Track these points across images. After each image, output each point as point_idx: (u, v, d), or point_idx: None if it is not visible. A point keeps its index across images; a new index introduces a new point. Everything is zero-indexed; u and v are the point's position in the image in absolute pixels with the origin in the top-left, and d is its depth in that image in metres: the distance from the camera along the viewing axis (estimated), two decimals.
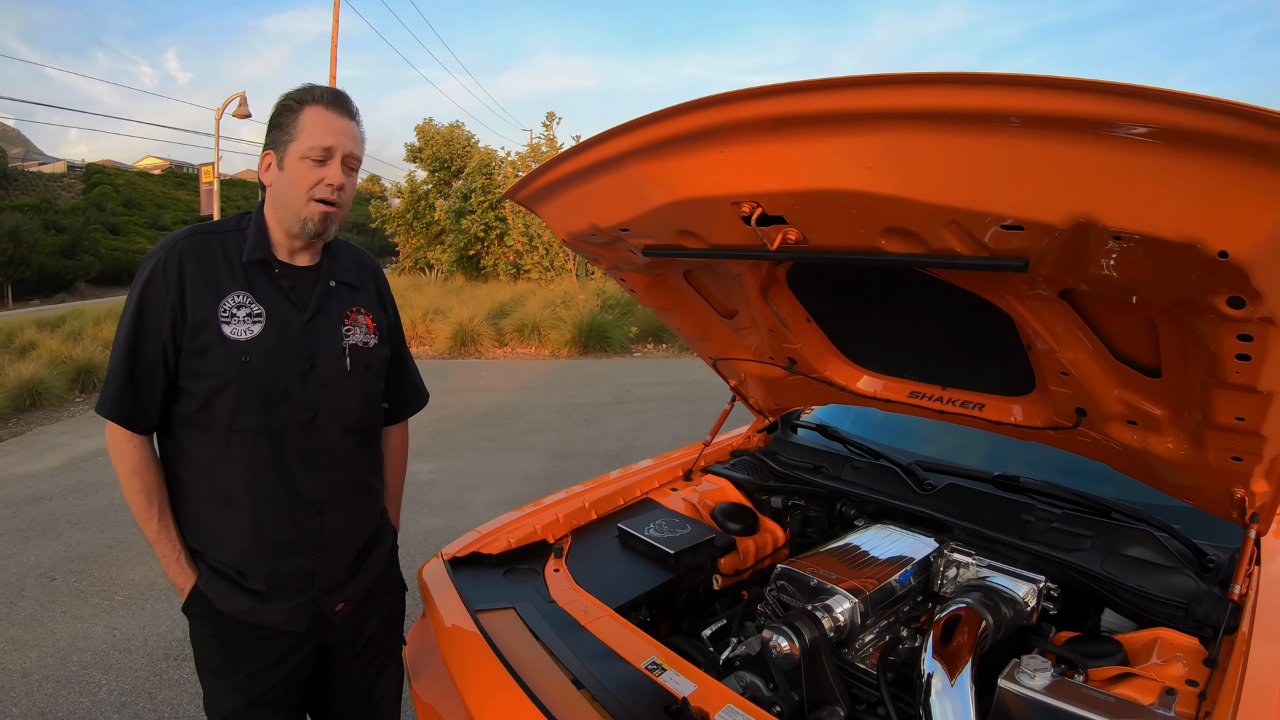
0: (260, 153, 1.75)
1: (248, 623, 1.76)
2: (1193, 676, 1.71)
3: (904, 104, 1.20)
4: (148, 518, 1.71)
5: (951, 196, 1.28)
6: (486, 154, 23.69)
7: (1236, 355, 1.37)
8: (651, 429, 8.14)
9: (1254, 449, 1.66)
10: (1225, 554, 2.08)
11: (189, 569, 1.75)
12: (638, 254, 2.09)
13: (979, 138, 1.19)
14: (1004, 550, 2.19)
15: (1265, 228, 1.06)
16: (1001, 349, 2.01)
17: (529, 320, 13.62)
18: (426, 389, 2.21)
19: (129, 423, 1.67)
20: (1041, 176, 1.18)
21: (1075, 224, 1.20)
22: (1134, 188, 1.11)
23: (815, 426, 3.22)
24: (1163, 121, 1.02)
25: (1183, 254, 1.16)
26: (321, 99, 1.68)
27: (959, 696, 1.67)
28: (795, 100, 1.31)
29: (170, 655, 3.66)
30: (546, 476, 6.46)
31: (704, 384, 10.69)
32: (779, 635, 1.79)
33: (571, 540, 2.51)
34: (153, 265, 1.67)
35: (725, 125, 1.43)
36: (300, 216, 1.69)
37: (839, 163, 1.34)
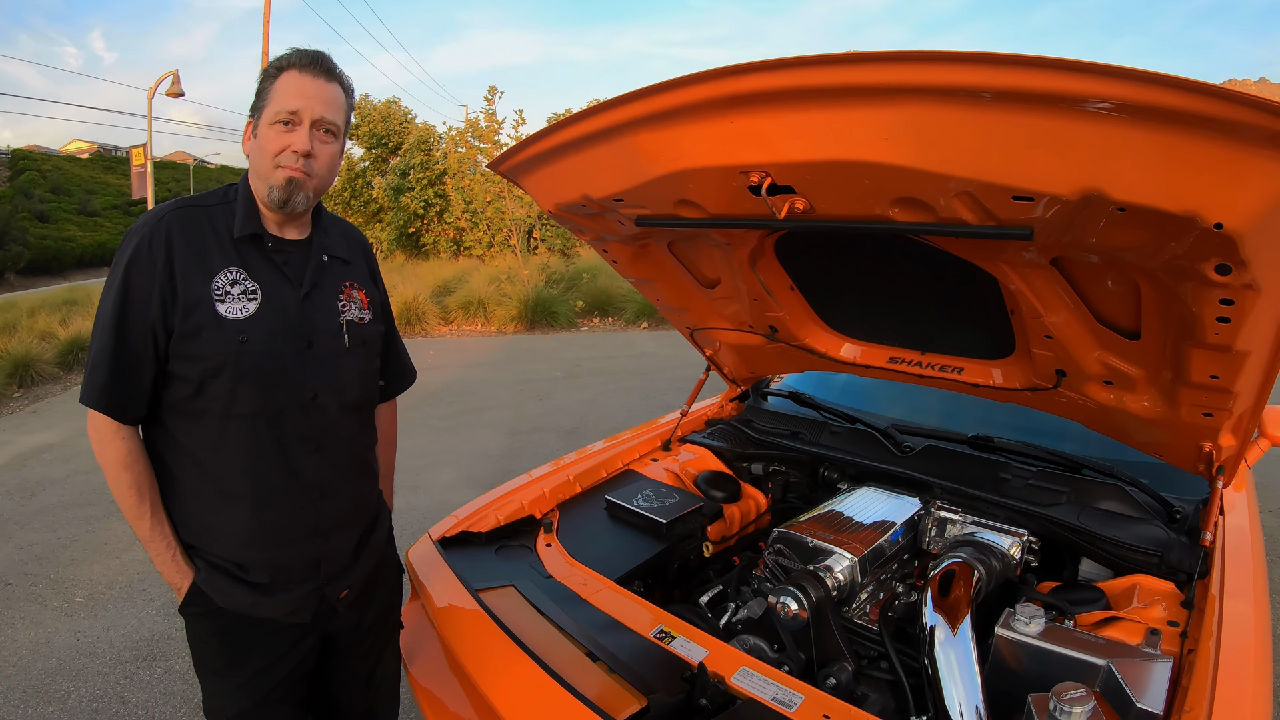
0: None
1: (250, 618, 1.67)
2: (1173, 618, 1.82)
3: (927, 80, 1.24)
4: (139, 514, 1.60)
5: (966, 168, 1.33)
6: (424, 130, 23.19)
7: (1217, 318, 1.46)
8: (605, 402, 8.14)
9: (1225, 405, 1.77)
10: (1189, 505, 2.20)
11: (185, 566, 1.65)
12: (628, 224, 2.08)
13: (997, 114, 1.23)
14: (985, 507, 2.28)
15: (1258, 203, 1.16)
16: (983, 314, 2.07)
17: (474, 297, 13.42)
18: (414, 366, 2.14)
19: (117, 413, 1.56)
20: (1054, 151, 1.24)
21: (1083, 196, 1.27)
22: (1139, 164, 1.19)
23: (788, 394, 3.27)
24: (1169, 105, 1.09)
25: (1180, 225, 1.24)
26: (298, 63, 1.60)
27: (962, 646, 1.74)
28: (816, 73, 1.32)
29: (139, 656, 3.52)
30: (505, 453, 6.42)
31: (652, 357, 10.75)
32: (787, 597, 1.82)
33: (559, 514, 2.51)
34: (136, 242, 1.55)
35: (738, 96, 1.43)
36: (269, 183, 1.60)
37: (858, 134, 1.37)
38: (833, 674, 1.81)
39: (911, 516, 2.25)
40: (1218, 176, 1.16)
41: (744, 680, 1.64)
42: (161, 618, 3.84)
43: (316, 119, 1.60)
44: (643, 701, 1.56)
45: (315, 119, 1.60)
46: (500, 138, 15.36)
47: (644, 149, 1.68)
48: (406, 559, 2.22)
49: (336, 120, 1.65)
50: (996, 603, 2.02)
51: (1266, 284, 1.34)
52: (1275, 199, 1.14)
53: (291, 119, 1.58)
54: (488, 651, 1.77)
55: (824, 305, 2.47)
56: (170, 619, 3.81)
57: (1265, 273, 1.31)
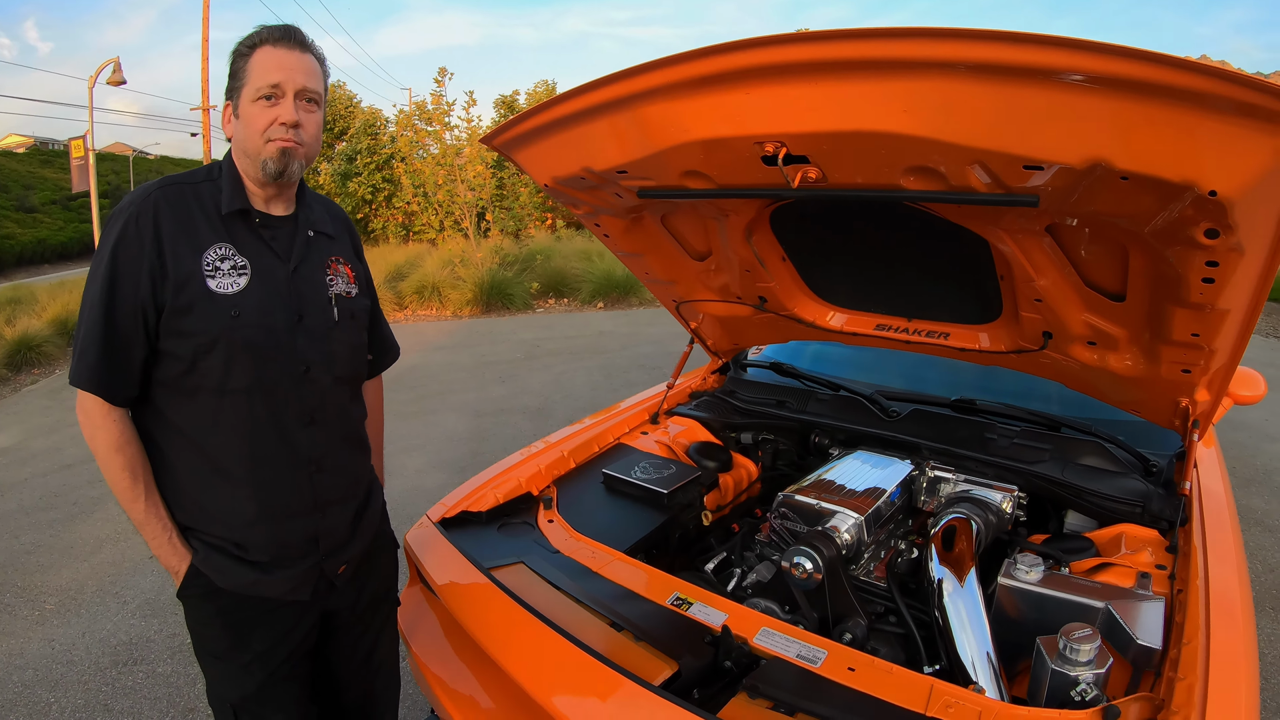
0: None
1: (250, 597, 1.67)
2: (1160, 562, 1.93)
3: (948, 55, 1.29)
4: (133, 497, 1.59)
5: (982, 139, 1.40)
6: (370, 114, 22.74)
7: (1203, 279, 1.57)
8: (568, 381, 8.13)
9: (1203, 362, 1.88)
10: (1163, 460, 2.31)
11: (183, 548, 1.63)
12: (626, 197, 2.10)
13: (1014, 88, 1.30)
14: (975, 466, 2.36)
15: (1250, 172, 1.26)
16: (970, 280, 2.15)
17: (428, 281, 13.22)
18: (397, 341, 2.14)
19: (108, 394, 1.55)
20: (1065, 123, 1.33)
21: (1089, 165, 1.36)
22: (1143, 136, 1.29)
23: (769, 365, 3.32)
24: (1173, 83, 1.19)
25: (1177, 192, 1.34)
26: (270, 37, 1.59)
27: (970, 596, 1.82)
28: (838, 47, 1.37)
29: (118, 661, 3.41)
30: (472, 436, 6.39)
31: (611, 335, 10.75)
32: (801, 558, 1.87)
33: (556, 490, 2.52)
34: (124, 221, 1.54)
35: (755, 68, 1.46)
36: (259, 160, 1.59)
37: (877, 106, 1.42)
38: (848, 629, 1.87)
39: (906, 477, 2.32)
40: (1214, 148, 1.26)
41: (766, 640, 1.69)
42: (138, 620, 3.74)
43: (299, 89, 1.59)
44: (674, 666, 1.60)
45: (298, 90, 1.59)
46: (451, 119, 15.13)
47: (652, 121, 1.70)
48: (404, 543, 2.21)
49: (318, 89, 1.65)
50: (988, 557, 2.10)
51: (1250, 246, 1.44)
52: (1265, 169, 1.25)
53: (274, 92, 1.57)
54: (508, 630, 1.78)
55: (813, 275, 2.52)
56: (147, 621, 3.72)
57: (1249, 236, 1.41)
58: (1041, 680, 1.55)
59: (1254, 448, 6.02)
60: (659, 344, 9.92)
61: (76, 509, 5.13)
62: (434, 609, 2.16)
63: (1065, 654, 1.52)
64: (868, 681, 1.55)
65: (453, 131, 15.01)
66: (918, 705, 1.49)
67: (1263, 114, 1.17)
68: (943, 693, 1.51)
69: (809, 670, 1.59)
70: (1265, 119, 1.18)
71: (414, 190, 15.72)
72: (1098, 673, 1.50)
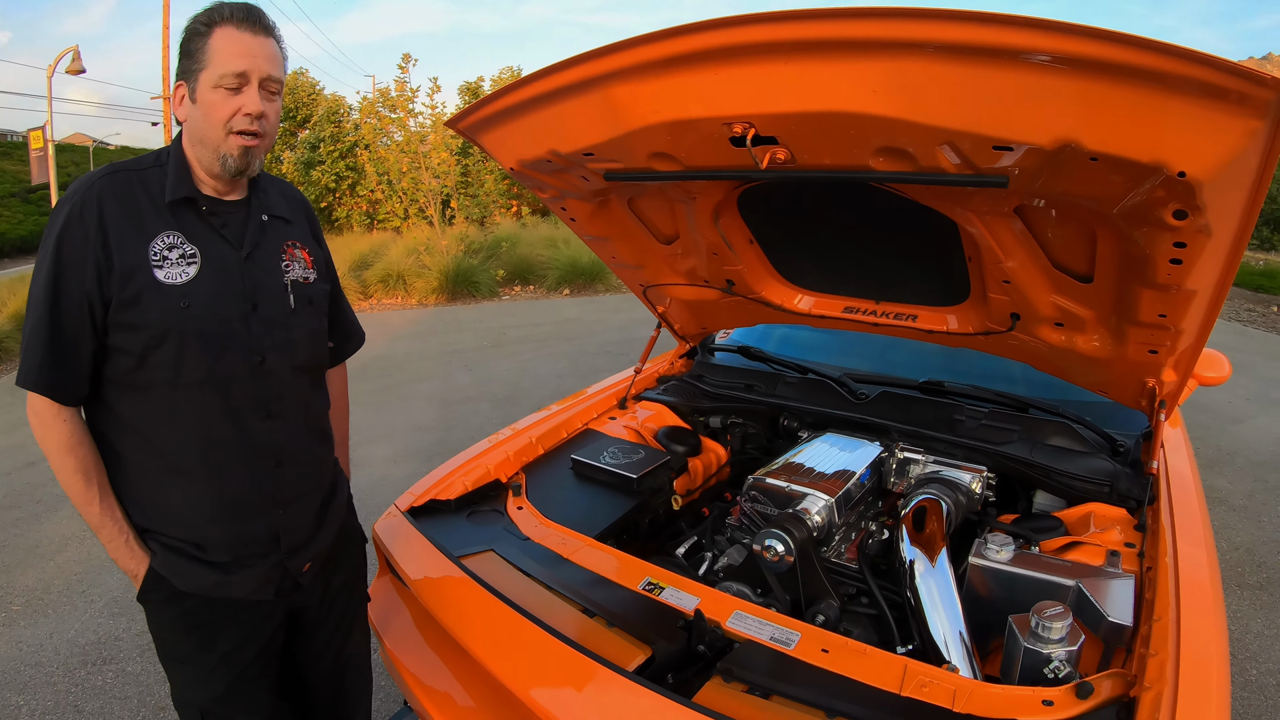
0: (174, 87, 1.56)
1: (213, 599, 1.62)
2: (1129, 540, 1.94)
3: (918, 35, 1.29)
4: (88, 499, 1.53)
5: (951, 119, 1.39)
6: (334, 102, 22.33)
7: (1170, 260, 1.58)
8: (534, 369, 8.08)
9: (1170, 342, 1.89)
10: (1129, 440, 2.34)
11: (140, 551, 1.58)
12: (593, 180, 2.07)
13: (981, 68, 1.30)
14: (944, 447, 2.37)
15: (1219, 154, 1.27)
16: (939, 263, 2.15)
17: (393, 270, 13.03)
18: (361, 327, 2.07)
19: (58, 393, 1.49)
20: (1034, 104, 1.33)
21: (1059, 146, 1.36)
22: (1113, 117, 1.29)
23: (736, 349, 3.31)
24: (1142, 64, 1.19)
25: (1147, 173, 1.35)
26: (232, 17, 1.50)
27: (942, 576, 1.82)
28: (807, 27, 1.35)
29: (87, 661, 3.33)
30: (439, 425, 6.33)
31: (577, 322, 10.71)
32: (772, 540, 1.86)
33: (525, 477, 2.49)
34: (67, 211, 1.47)
35: (723, 48, 1.44)
36: (219, 153, 1.52)
37: (846, 86, 1.40)
38: (820, 611, 1.86)
39: (876, 458, 2.32)
40: (1183, 130, 1.26)
41: (739, 623, 1.68)
42: (105, 619, 3.66)
43: (264, 77, 1.52)
44: (647, 651, 1.58)
45: (263, 78, 1.52)
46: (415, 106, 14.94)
47: (620, 102, 1.67)
48: (373, 532, 2.17)
49: (280, 77, 1.57)
50: (958, 537, 2.11)
51: (1217, 227, 1.45)
52: (1234, 150, 1.26)
53: (239, 82, 1.49)
54: (480, 619, 1.75)
55: (781, 257, 2.51)
56: (115, 619, 3.63)
57: (1217, 217, 1.42)
58: (1014, 658, 1.56)
59: (1218, 429, 6.16)
60: (626, 330, 9.91)
61: (41, 507, 4.99)
62: (405, 599, 2.12)
63: (1037, 632, 1.53)
64: (842, 663, 1.55)
65: (417, 118, 14.83)
66: (892, 685, 1.49)
67: (1233, 96, 1.18)
68: (917, 672, 1.51)
69: (783, 653, 1.59)
70: (1235, 101, 1.18)
71: (378, 178, 15.52)
72: (1070, 650, 1.51)
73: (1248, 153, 1.26)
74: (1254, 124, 1.20)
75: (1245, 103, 1.18)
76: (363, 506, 2.06)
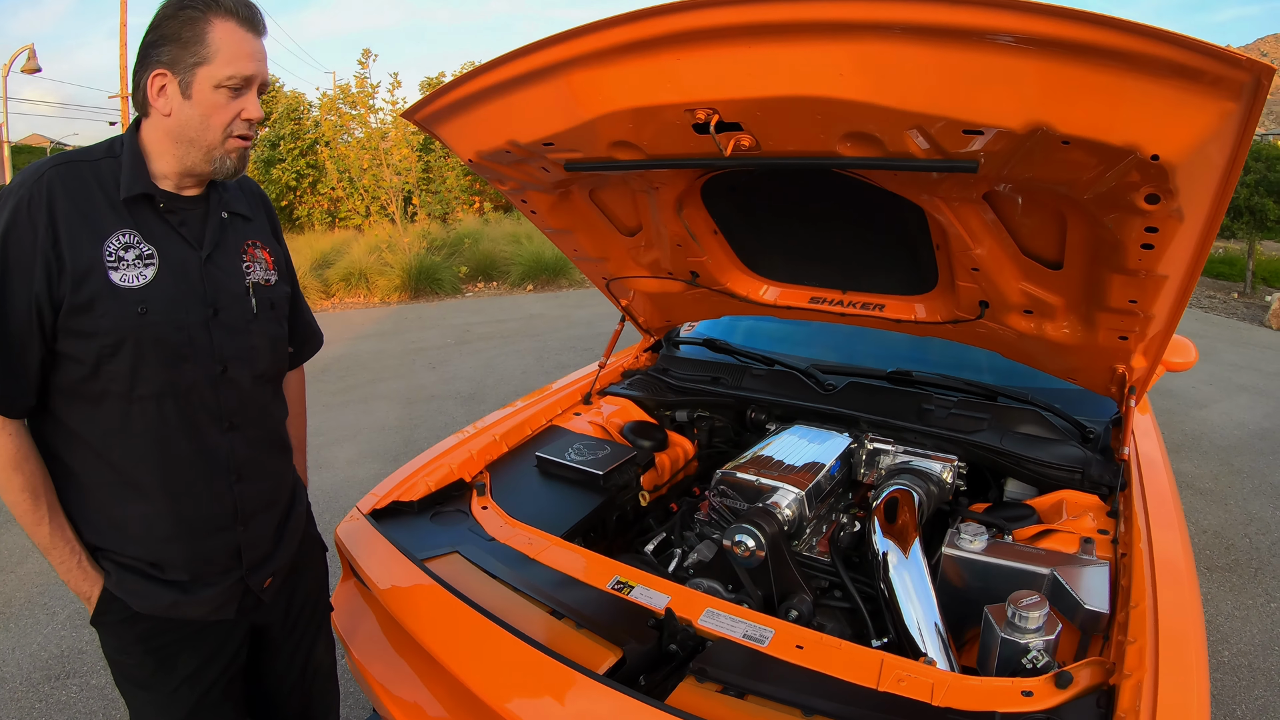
0: (145, 70, 1.41)
1: (171, 619, 1.52)
2: (1103, 526, 1.93)
3: (882, 16, 1.26)
4: (36, 520, 1.42)
5: (919, 102, 1.37)
6: (294, 99, 21.92)
7: (1142, 245, 1.57)
8: (500, 366, 8.00)
9: (1140, 328, 1.89)
10: (1098, 426, 2.34)
11: (93, 571, 1.48)
12: (554, 171, 2.02)
13: (952, 50, 1.27)
14: (914, 437, 2.35)
15: (1192, 136, 1.26)
16: (907, 251, 2.13)
17: (355, 268, 12.79)
18: (320, 329, 1.97)
19: (3, 406, 1.37)
20: (1005, 86, 1.30)
21: (1030, 129, 1.34)
22: (1085, 99, 1.28)
23: (702, 341, 3.27)
24: (1114, 45, 1.17)
25: (1119, 156, 1.33)
26: (234, 12, 1.40)
27: (915, 568, 1.81)
28: (768, 9, 1.31)
29: (50, 676, 3.23)
30: (403, 424, 6.23)
31: (541, 318, 10.64)
32: (742, 535, 1.83)
33: (489, 475, 2.43)
34: (13, 205, 1.35)
35: (685, 33, 1.40)
36: (213, 155, 1.44)
37: (812, 70, 1.37)
38: (793, 606, 1.83)
39: (845, 450, 2.30)
40: (1157, 112, 1.25)
41: (711, 621, 1.65)
42: (68, 631, 3.56)
43: (263, 82, 1.46)
44: (618, 653, 1.54)
45: (262, 82, 1.46)
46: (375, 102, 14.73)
47: (580, 89, 1.62)
48: (335, 537, 2.10)
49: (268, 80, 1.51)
50: (930, 527, 2.10)
51: (1189, 211, 1.44)
52: (1207, 132, 1.25)
53: (245, 84, 1.42)
54: (445, 623, 1.70)
55: (746, 248, 2.48)
56: (78, 632, 3.53)
57: (1189, 201, 1.41)
58: (991, 649, 1.55)
59: (1183, 414, 6.28)
60: (590, 325, 9.87)
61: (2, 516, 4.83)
62: (369, 605, 2.06)
63: (1014, 622, 1.51)
64: (817, 658, 1.52)
65: (377, 115, 14.62)
66: (869, 680, 1.46)
67: (1208, 78, 1.16)
68: (894, 666, 1.49)
69: (757, 650, 1.56)
70: (1210, 83, 1.17)
71: (339, 176, 15.29)
72: (1047, 639, 1.50)
73: (1221, 135, 1.25)
74: (1228, 106, 1.19)
75: (1219, 84, 1.17)
76: (327, 509, 1.99)
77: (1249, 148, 1.30)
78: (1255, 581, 3.79)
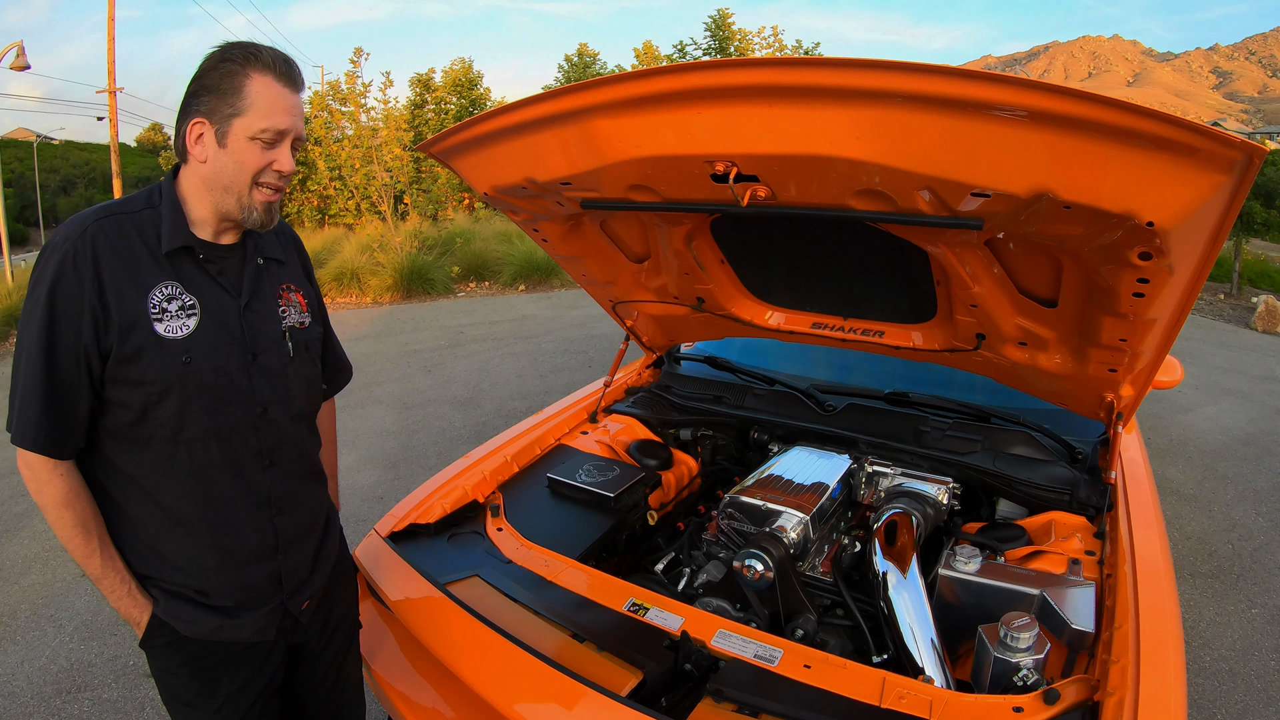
0: (186, 118, 1.49)
1: (216, 642, 1.61)
2: (1089, 548, 2.05)
3: (897, 86, 1.35)
4: (88, 553, 1.49)
5: (932, 166, 1.47)
6: None
7: (1133, 293, 1.68)
8: (495, 370, 8.05)
9: (1129, 362, 2.00)
10: (1087, 446, 2.45)
11: (143, 599, 1.55)
12: (568, 205, 2.10)
13: (962, 120, 1.37)
14: (910, 459, 2.45)
15: (1186, 206, 1.37)
16: (905, 283, 2.23)
17: (347, 268, 12.82)
18: (349, 361, 2.05)
19: (54, 450, 1.45)
20: (1012, 155, 1.40)
21: (1034, 194, 1.44)
22: (1088, 170, 1.38)
23: (704, 359, 3.36)
24: (1115, 122, 1.27)
25: (1116, 221, 1.44)
26: (272, 67, 1.47)
27: (913, 588, 1.91)
28: (792, 73, 1.41)
29: (62, 690, 3.25)
30: (401, 429, 6.27)
31: (534, 319, 10.69)
32: (752, 560, 1.93)
33: (502, 497, 2.52)
34: (59, 259, 1.41)
35: (710, 89, 1.48)
36: (243, 204, 1.50)
37: (831, 132, 1.46)
38: (799, 625, 1.93)
39: (846, 472, 2.40)
40: (1154, 183, 1.35)
41: (724, 642, 1.74)
42: (76, 643, 3.57)
43: (297, 136, 1.53)
44: (639, 675, 1.63)
45: (296, 136, 1.52)
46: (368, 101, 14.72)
47: (603, 135, 1.71)
48: (355, 558, 2.18)
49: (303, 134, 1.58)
50: (925, 543, 2.20)
51: (1179, 265, 1.55)
52: (1199, 202, 1.35)
53: (278, 138, 1.49)
54: (472, 647, 1.78)
55: (751, 276, 2.57)
56: (87, 644, 3.55)
57: (1180, 257, 1.52)
58: (985, 666, 1.65)
59: (1169, 419, 6.40)
60: (583, 327, 9.92)
61: (1, 527, 4.86)
62: (389, 624, 2.14)
63: (1006, 642, 1.62)
64: (824, 677, 1.62)
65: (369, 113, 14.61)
66: (872, 698, 1.56)
67: (1203, 155, 1.26)
68: (895, 685, 1.59)
69: (767, 670, 1.65)
70: (1205, 159, 1.27)
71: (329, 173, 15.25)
72: (1037, 658, 1.60)
73: (1213, 203, 1.35)
74: (1220, 179, 1.30)
75: (1214, 160, 1.27)
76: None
77: (1240, 209, 1.40)
78: (1237, 587, 3.90)
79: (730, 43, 23.11)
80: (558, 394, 6.84)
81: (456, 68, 24.28)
